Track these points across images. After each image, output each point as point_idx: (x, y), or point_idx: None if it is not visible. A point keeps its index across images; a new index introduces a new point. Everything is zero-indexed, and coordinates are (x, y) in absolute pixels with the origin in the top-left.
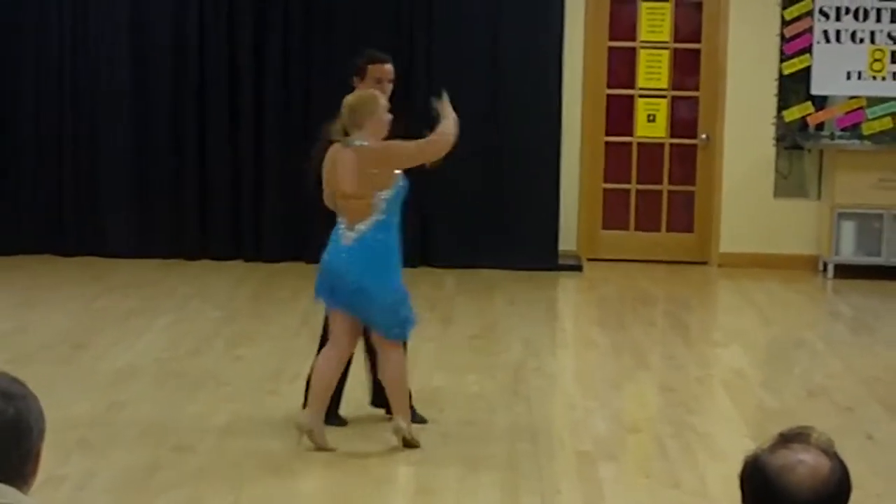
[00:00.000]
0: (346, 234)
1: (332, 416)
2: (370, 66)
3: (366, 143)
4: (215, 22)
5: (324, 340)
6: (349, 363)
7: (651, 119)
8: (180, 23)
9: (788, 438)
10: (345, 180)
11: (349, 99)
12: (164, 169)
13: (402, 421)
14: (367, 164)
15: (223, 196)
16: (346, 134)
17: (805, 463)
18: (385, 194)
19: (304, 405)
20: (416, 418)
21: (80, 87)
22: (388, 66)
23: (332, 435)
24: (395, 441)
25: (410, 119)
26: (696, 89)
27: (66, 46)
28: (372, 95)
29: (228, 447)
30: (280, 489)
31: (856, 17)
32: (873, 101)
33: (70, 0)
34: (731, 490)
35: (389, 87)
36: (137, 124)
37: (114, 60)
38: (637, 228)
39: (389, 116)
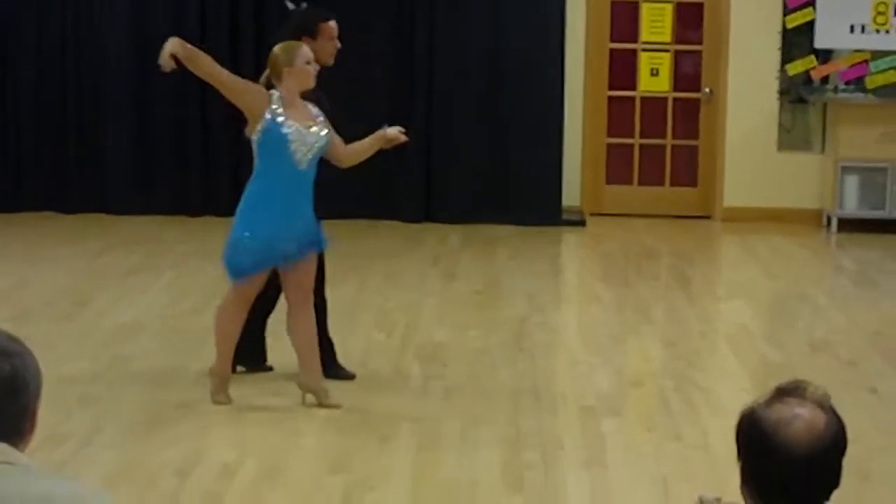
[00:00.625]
0: None
1: (335, 368)
2: (323, 25)
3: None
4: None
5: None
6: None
7: (654, 73)
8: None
9: (784, 392)
10: None
11: (274, 49)
12: (166, 125)
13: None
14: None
15: (225, 152)
16: (270, 87)
17: (801, 417)
18: (253, 136)
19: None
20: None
21: (82, 42)
22: (335, 23)
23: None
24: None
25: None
26: (700, 43)
27: (69, 5)
28: (296, 44)
29: (231, 404)
30: (283, 444)
31: None
32: (877, 55)
33: None
34: (733, 444)
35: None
36: (139, 80)
37: (115, 15)
38: (640, 183)
39: (315, 66)
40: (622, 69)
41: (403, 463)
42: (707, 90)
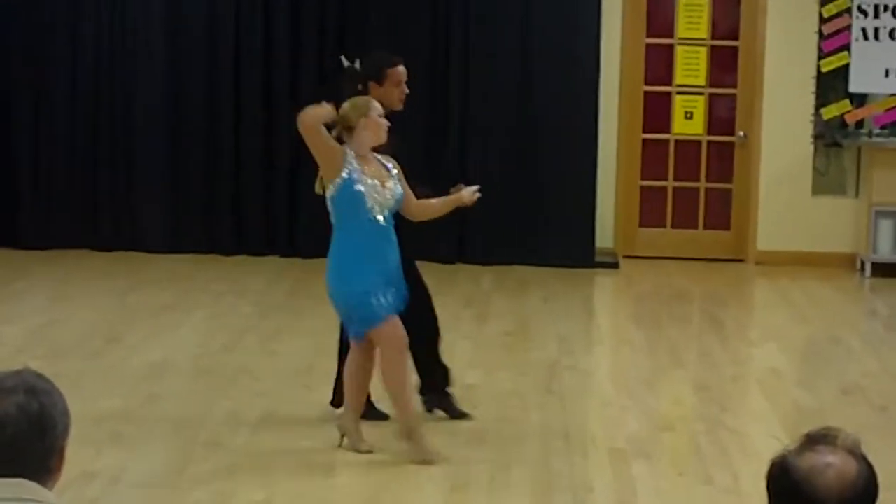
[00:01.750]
0: None
1: (372, 411)
2: (391, 70)
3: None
4: (250, 19)
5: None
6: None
7: (688, 116)
8: (216, 21)
9: (815, 440)
10: None
11: (344, 106)
12: (198, 164)
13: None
14: None
15: (258, 191)
16: (341, 142)
17: (832, 466)
18: (328, 194)
19: (333, 402)
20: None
21: (117, 82)
22: (403, 67)
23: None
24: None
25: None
26: (734, 86)
27: (103, 42)
28: (365, 99)
29: (261, 443)
30: (312, 485)
31: (894, 14)
32: None
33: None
34: (764, 488)
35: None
36: (173, 119)
37: (150, 57)
38: (674, 226)
39: (385, 121)
40: (656, 112)
41: None
42: (741, 133)
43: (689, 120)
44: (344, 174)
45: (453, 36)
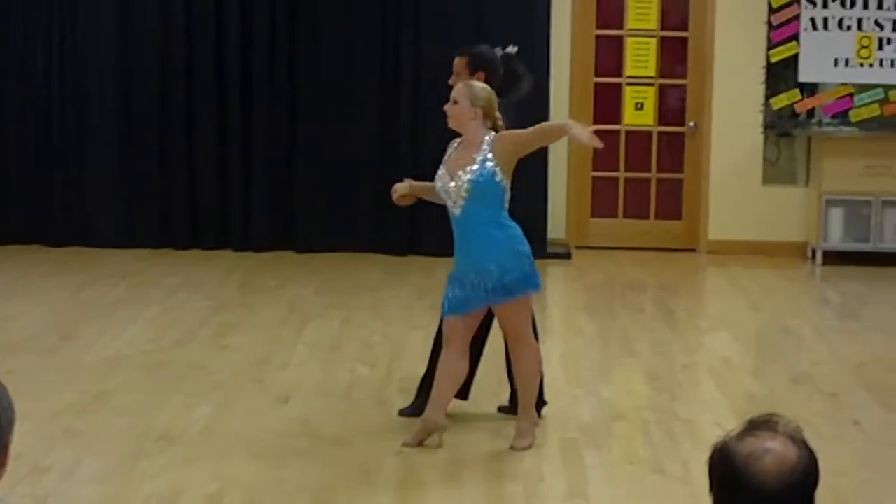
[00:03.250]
0: None
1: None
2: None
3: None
4: (202, 12)
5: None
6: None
7: (639, 107)
8: (168, 12)
9: (756, 426)
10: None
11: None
12: (151, 158)
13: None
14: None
15: (211, 185)
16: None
17: (771, 451)
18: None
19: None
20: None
21: (67, 72)
22: (455, 59)
23: (311, 427)
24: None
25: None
26: (684, 77)
27: (54, 33)
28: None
29: (214, 436)
30: (265, 477)
31: (843, 4)
32: (861, 88)
33: None
34: None
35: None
36: (125, 113)
37: (101, 48)
38: (626, 216)
39: None
40: (607, 103)
41: (385, 497)
42: (692, 124)
43: (639, 111)
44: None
45: (404, 25)
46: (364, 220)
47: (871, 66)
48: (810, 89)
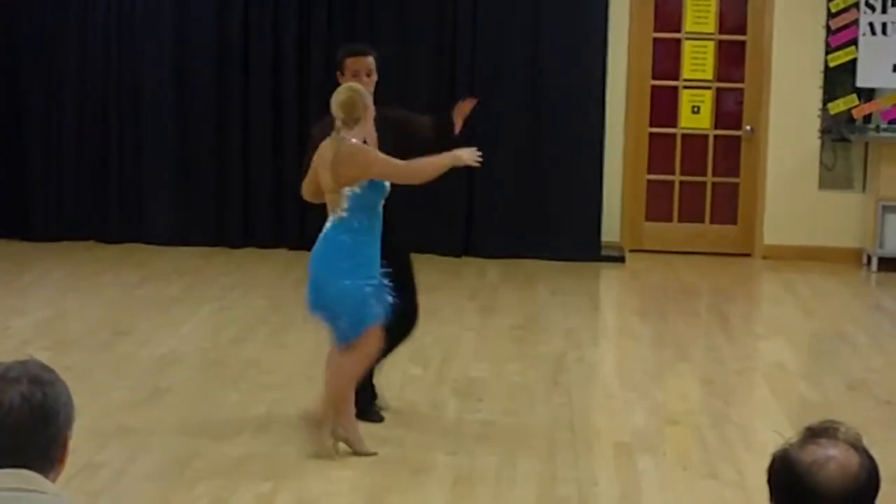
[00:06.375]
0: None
1: (370, 413)
2: (347, 60)
3: (350, 139)
4: (260, 10)
5: None
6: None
7: (696, 110)
8: (225, 11)
9: (816, 433)
10: (321, 172)
11: (339, 96)
12: (207, 156)
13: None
14: (341, 159)
15: (266, 184)
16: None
17: (834, 458)
18: (349, 190)
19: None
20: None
21: (125, 72)
22: (367, 59)
23: (369, 429)
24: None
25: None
26: (741, 81)
27: (112, 33)
28: (358, 88)
29: (268, 436)
30: (318, 479)
31: None
32: None
33: None
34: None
35: (369, 80)
36: (181, 111)
37: (158, 47)
38: (681, 220)
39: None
40: (663, 106)
41: (438, 498)
42: (748, 128)
43: (696, 114)
44: None
45: (461, 28)
46: (420, 221)
47: None
48: (868, 94)
